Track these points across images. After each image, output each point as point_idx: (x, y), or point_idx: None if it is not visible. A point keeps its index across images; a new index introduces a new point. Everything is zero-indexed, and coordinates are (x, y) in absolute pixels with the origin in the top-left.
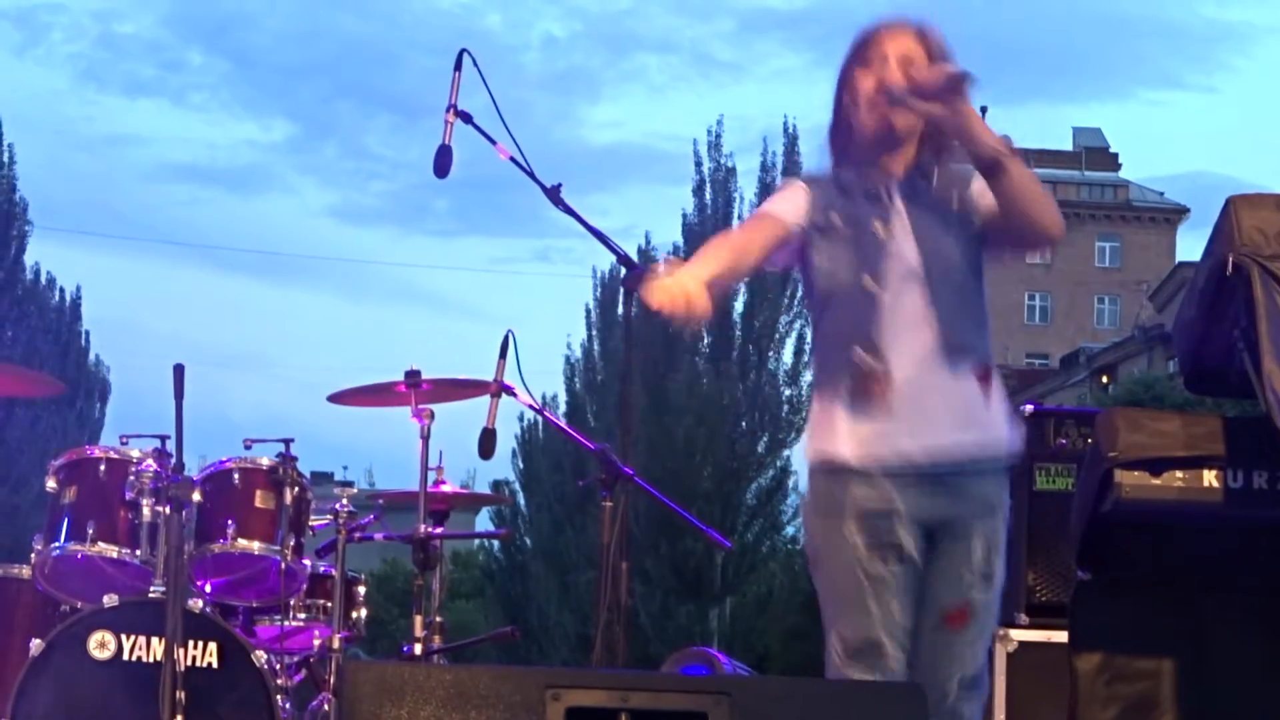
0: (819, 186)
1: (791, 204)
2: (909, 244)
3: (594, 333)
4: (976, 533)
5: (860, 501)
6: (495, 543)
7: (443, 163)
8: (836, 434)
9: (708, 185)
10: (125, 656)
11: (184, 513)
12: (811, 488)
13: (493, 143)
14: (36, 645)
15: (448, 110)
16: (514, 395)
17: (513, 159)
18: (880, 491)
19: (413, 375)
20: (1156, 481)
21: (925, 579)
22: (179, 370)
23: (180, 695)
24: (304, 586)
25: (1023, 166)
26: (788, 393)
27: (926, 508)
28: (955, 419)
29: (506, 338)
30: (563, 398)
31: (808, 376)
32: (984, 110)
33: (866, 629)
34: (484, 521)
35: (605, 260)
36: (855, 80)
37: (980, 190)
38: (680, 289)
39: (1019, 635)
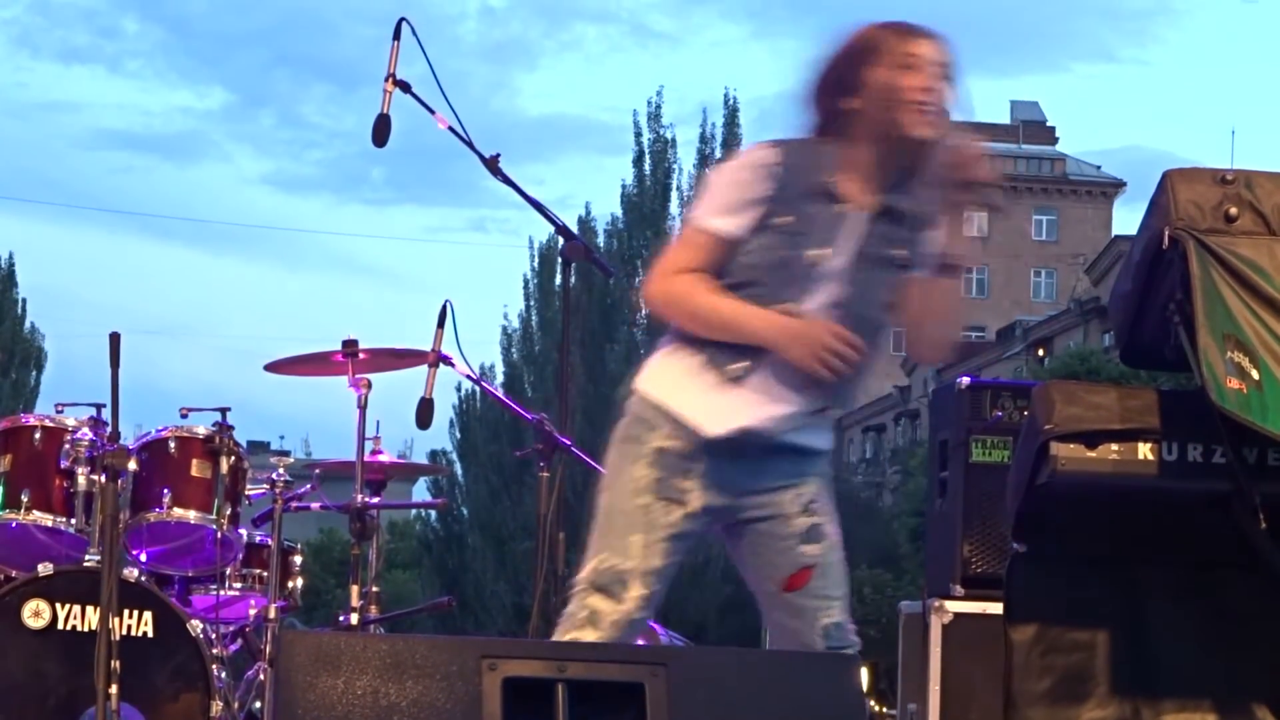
0: (791, 165)
1: (741, 216)
2: (841, 281)
3: (531, 303)
4: (787, 498)
5: (663, 440)
6: (432, 513)
7: (381, 131)
8: (675, 381)
9: (647, 156)
10: (60, 625)
11: (119, 481)
12: (626, 415)
13: (431, 112)
14: None
15: (386, 79)
16: (451, 365)
17: (451, 128)
18: (685, 441)
19: (350, 345)
20: (1092, 454)
21: (755, 550)
22: (115, 339)
23: (115, 664)
24: (240, 556)
25: (960, 286)
26: None
27: (720, 482)
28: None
29: (444, 307)
30: (500, 368)
31: None
32: None
33: (622, 560)
34: (421, 491)
35: (542, 230)
36: (881, 75)
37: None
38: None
39: (954, 607)
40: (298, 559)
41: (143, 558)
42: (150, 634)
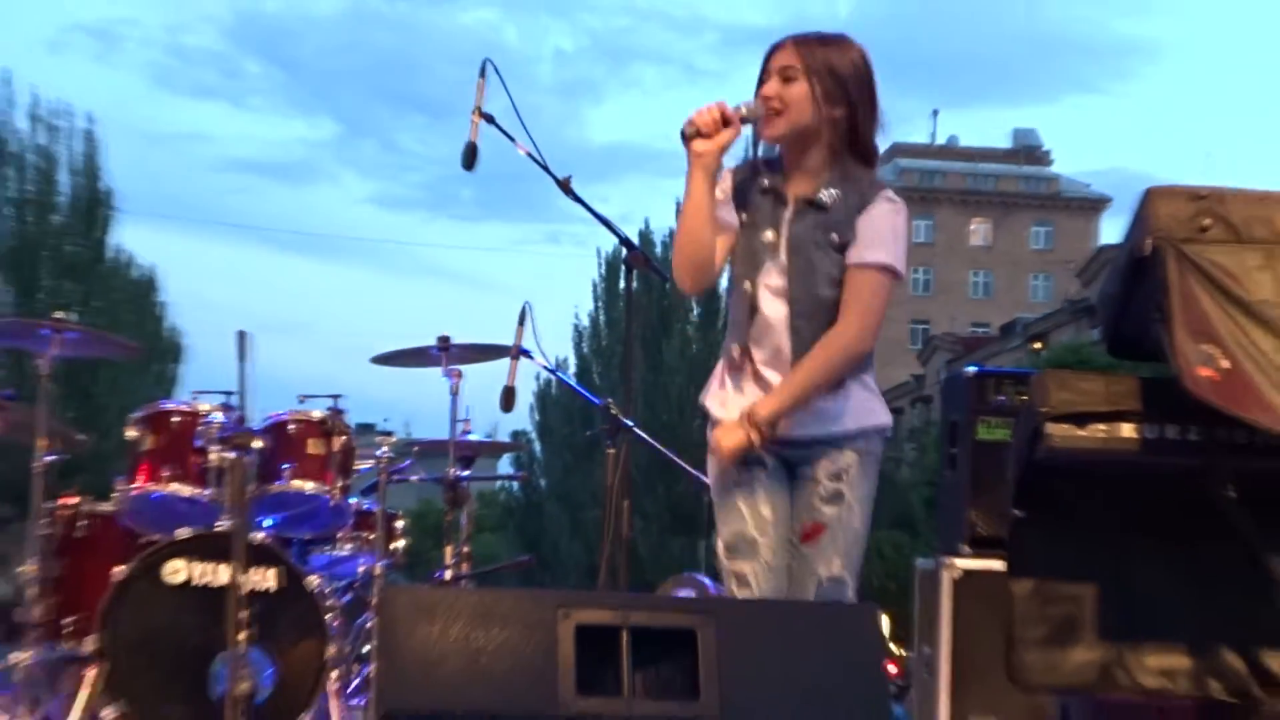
0: (742, 179)
1: (729, 207)
2: (783, 260)
3: (599, 304)
4: (820, 465)
5: None
6: (515, 484)
7: (470, 157)
8: (714, 394)
9: None
10: (195, 582)
11: (247, 458)
12: (708, 423)
13: (512, 140)
14: (119, 572)
15: (474, 112)
16: (531, 358)
17: (530, 154)
18: None
19: (444, 340)
20: (1082, 433)
21: (791, 504)
22: (242, 336)
23: (244, 615)
24: (350, 521)
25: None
26: None
27: (779, 449)
28: (801, 418)
29: (524, 308)
30: (572, 360)
31: None
32: (935, 114)
33: (739, 527)
34: (505, 466)
35: (608, 242)
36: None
37: (856, 239)
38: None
39: (963, 564)
40: (400, 524)
41: (267, 523)
42: (274, 589)
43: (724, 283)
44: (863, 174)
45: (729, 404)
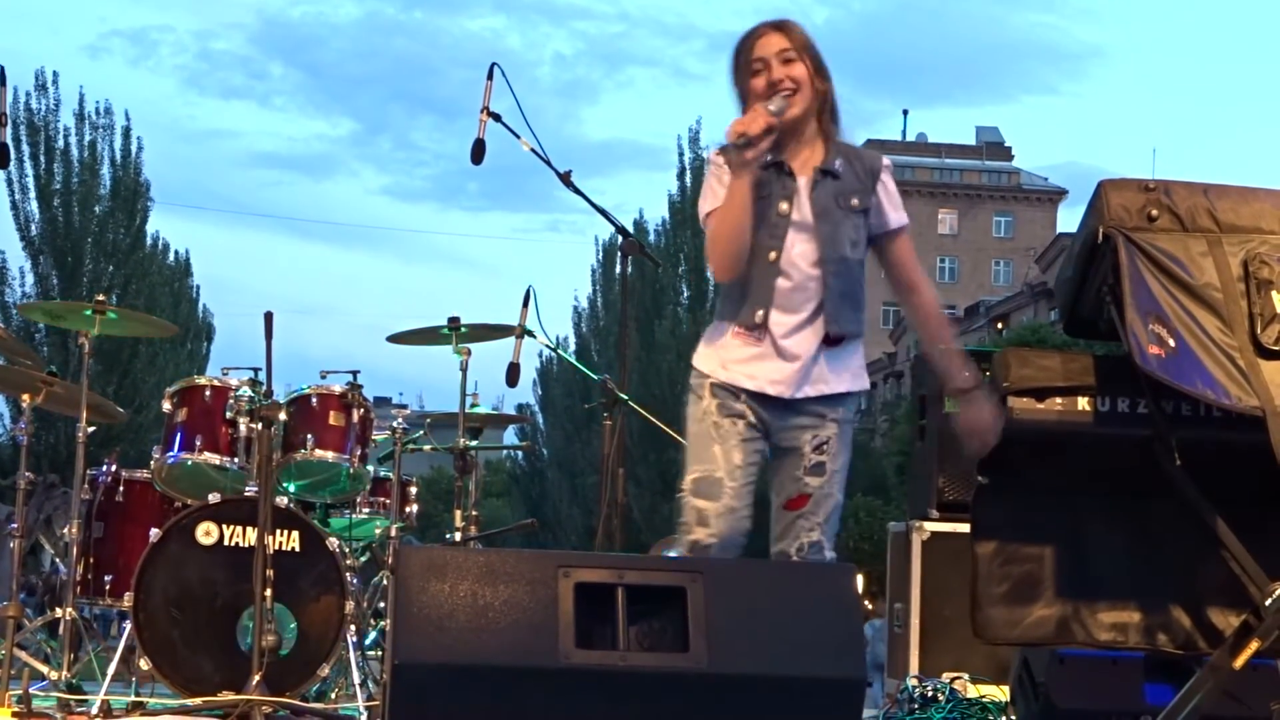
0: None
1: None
2: (809, 227)
3: (597, 288)
4: (806, 437)
5: (714, 384)
6: (520, 453)
7: (477, 152)
8: (714, 356)
9: (688, 172)
10: (226, 542)
11: (272, 429)
12: (692, 379)
13: (516, 137)
14: (155, 534)
15: (481, 111)
16: (534, 337)
17: (533, 150)
18: (730, 387)
19: (454, 321)
20: (1041, 406)
21: (776, 472)
22: (268, 317)
23: (269, 573)
24: (368, 487)
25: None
26: None
27: (763, 413)
28: (806, 377)
29: (528, 291)
30: (572, 339)
31: None
32: (905, 113)
33: (710, 467)
34: (510, 436)
35: (605, 230)
36: (749, 85)
37: (883, 208)
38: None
39: (931, 527)
40: (413, 489)
41: (291, 488)
42: (297, 549)
43: None
44: (847, 142)
45: (732, 368)
